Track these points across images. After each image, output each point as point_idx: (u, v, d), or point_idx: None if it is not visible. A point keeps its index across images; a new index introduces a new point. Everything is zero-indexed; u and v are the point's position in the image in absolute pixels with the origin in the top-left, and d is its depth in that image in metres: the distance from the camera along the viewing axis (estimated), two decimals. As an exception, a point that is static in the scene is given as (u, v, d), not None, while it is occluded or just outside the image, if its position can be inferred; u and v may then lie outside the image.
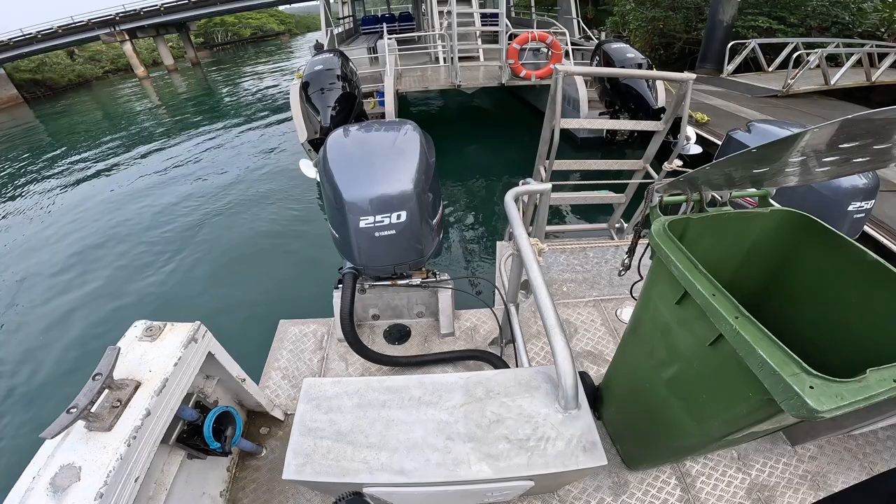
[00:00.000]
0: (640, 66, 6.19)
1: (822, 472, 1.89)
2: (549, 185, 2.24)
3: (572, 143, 8.50)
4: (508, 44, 7.78)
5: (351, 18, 17.73)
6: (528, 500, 1.81)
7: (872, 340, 1.18)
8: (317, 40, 16.91)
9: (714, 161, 0.98)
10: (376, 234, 2.04)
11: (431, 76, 8.83)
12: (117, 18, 27.82)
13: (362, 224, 2.02)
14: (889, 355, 0.89)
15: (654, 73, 2.20)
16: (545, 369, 1.32)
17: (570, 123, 2.27)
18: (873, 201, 2.50)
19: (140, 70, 29.66)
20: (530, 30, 8.01)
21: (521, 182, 2.50)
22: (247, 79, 24.39)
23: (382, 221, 2.03)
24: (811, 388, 0.80)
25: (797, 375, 0.82)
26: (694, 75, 2.09)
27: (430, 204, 2.29)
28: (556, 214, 5.86)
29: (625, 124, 2.29)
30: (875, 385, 0.82)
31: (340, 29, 15.22)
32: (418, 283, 2.45)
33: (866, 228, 3.97)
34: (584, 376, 2.17)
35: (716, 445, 1.79)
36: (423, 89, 8.18)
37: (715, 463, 1.92)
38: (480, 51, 9.46)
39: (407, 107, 11.15)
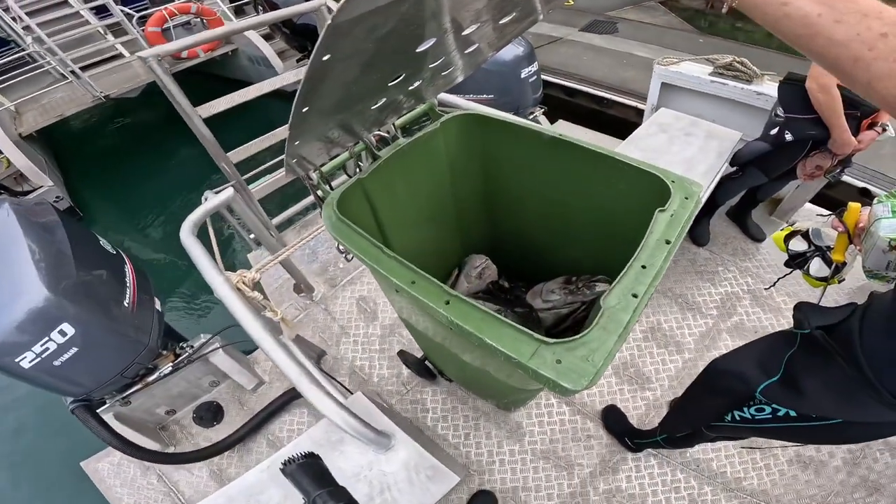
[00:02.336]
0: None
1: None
2: (230, 192, 1.69)
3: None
4: (142, 30, 6.22)
5: None
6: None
7: (602, 221, 1.10)
8: None
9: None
10: (56, 362, 1.37)
11: (67, 99, 6.61)
12: None
13: (27, 364, 1.33)
14: (620, 236, 0.73)
15: (280, 12, 1.75)
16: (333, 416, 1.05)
17: (218, 106, 1.77)
18: (536, 62, 2.74)
19: None
20: (164, 6, 6.52)
21: (202, 198, 1.90)
22: None
23: (49, 347, 1.34)
24: (559, 362, 0.58)
25: (538, 355, 0.59)
26: (324, 1, 1.75)
27: (108, 283, 1.55)
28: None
29: (285, 78, 1.83)
30: (619, 313, 0.63)
31: None
32: (169, 370, 1.83)
33: (549, 78, 4.63)
34: (405, 354, 1.93)
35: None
36: (59, 118, 6.07)
37: None
38: (119, 47, 7.42)
39: (69, 143, 8.26)
